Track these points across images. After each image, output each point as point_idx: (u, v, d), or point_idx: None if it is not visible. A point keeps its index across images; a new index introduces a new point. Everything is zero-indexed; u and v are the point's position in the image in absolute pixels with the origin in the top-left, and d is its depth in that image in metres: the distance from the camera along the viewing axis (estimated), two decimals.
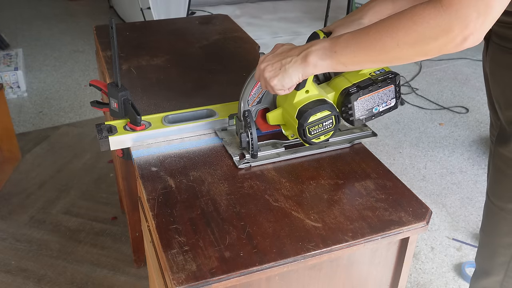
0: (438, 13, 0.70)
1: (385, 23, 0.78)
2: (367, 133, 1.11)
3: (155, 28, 1.85)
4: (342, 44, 0.83)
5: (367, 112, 1.04)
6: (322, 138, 1.01)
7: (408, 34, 0.75)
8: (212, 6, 4.65)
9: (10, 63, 3.31)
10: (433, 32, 0.72)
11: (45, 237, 2.03)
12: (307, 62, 0.87)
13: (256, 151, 1.01)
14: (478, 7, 0.67)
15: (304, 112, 0.96)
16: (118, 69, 1.08)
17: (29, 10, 4.87)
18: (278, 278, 0.83)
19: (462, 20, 0.68)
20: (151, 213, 0.88)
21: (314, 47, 0.87)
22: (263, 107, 1.08)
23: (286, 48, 0.93)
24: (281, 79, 0.90)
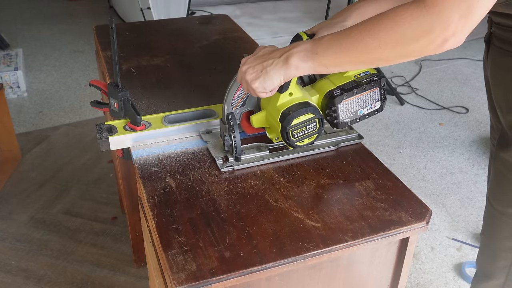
0: (420, 13, 0.69)
1: (367, 24, 0.77)
2: (353, 136, 1.11)
3: (155, 28, 1.85)
4: (324, 45, 0.82)
5: (351, 115, 1.03)
6: (306, 141, 1.00)
7: (389, 35, 0.74)
8: (212, 6, 4.65)
9: (10, 63, 3.31)
10: (414, 33, 0.71)
11: (45, 237, 2.03)
12: (289, 64, 0.86)
13: (239, 154, 1.00)
14: (460, 9, 0.66)
15: (287, 115, 0.95)
16: (118, 69, 1.08)
17: (29, 10, 4.87)
18: (278, 278, 0.83)
19: (443, 21, 0.68)
20: (151, 213, 0.88)
21: (295, 48, 0.86)
22: (248, 110, 1.07)
23: (267, 50, 0.92)
24: (263, 82, 0.90)
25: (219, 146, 1.06)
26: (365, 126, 2.95)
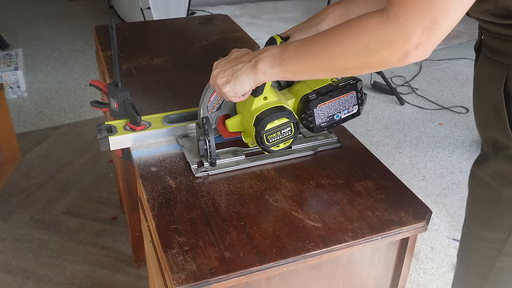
0: (383, 24, 0.68)
1: (333, 32, 0.76)
2: (331, 140, 1.09)
3: (155, 28, 1.85)
4: (291, 52, 0.81)
5: (328, 119, 1.02)
6: (281, 146, 0.98)
7: (352, 45, 0.73)
8: (212, 6, 4.65)
9: (10, 63, 3.31)
10: (376, 44, 0.69)
11: (45, 237, 2.03)
12: (257, 69, 0.85)
13: (214, 159, 0.98)
14: (424, 22, 0.64)
15: (261, 119, 0.94)
16: (118, 69, 1.08)
17: (29, 10, 4.86)
18: (278, 278, 0.83)
19: (405, 34, 0.66)
20: (151, 213, 0.88)
21: (264, 53, 0.85)
22: (224, 114, 1.05)
23: (239, 54, 0.91)
24: (233, 86, 0.88)
25: (195, 150, 1.04)
26: (365, 126, 2.95)
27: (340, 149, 1.08)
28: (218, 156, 1.02)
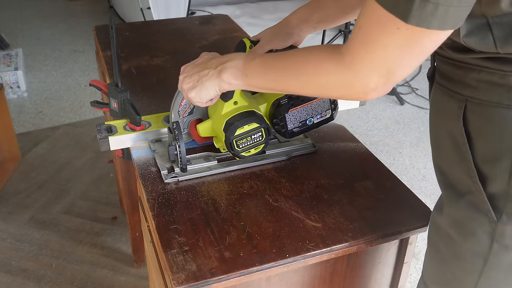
0: (340, 68, 0.67)
1: (292, 62, 0.75)
2: (306, 145, 1.07)
3: (155, 28, 1.85)
4: (253, 69, 0.80)
5: (300, 124, 1.01)
6: (252, 152, 0.97)
7: (310, 81, 0.72)
8: (212, 6, 4.65)
9: (10, 63, 3.31)
10: (334, 85, 0.69)
11: (45, 237, 2.03)
12: (221, 78, 0.84)
13: (184, 165, 0.97)
14: (380, 71, 0.63)
15: (230, 124, 0.93)
16: (118, 69, 1.08)
17: (29, 10, 4.86)
18: (278, 278, 0.83)
19: (362, 79, 0.64)
20: (151, 213, 0.88)
21: (230, 63, 0.83)
22: (196, 118, 1.03)
23: (206, 59, 0.89)
24: (199, 92, 0.87)
25: (167, 155, 1.02)
26: (365, 126, 2.95)
27: (340, 149, 1.08)
28: (190, 161, 1.00)
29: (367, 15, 0.60)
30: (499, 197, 0.67)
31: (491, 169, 0.67)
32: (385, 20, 0.57)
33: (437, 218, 0.78)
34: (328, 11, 1.01)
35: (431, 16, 0.55)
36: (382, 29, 0.59)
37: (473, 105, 0.67)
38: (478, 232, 0.69)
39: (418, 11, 0.55)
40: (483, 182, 0.68)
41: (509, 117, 0.63)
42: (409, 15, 0.55)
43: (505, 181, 0.65)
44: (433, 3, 0.54)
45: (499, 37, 0.61)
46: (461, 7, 0.56)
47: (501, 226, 0.67)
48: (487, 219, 0.68)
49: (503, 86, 0.63)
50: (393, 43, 0.59)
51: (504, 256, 0.69)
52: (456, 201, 0.72)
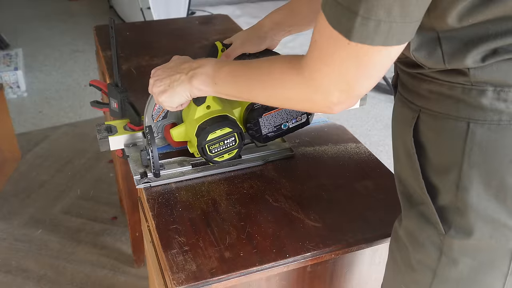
0: (301, 83, 0.66)
1: (258, 73, 0.74)
2: (283, 150, 1.06)
3: (155, 28, 1.85)
4: (222, 77, 0.80)
5: (275, 128, 1.00)
6: (226, 157, 0.96)
7: (274, 95, 0.72)
8: (212, 6, 4.65)
9: (10, 63, 3.31)
10: (298, 100, 0.69)
11: (45, 237, 2.03)
12: (192, 84, 0.83)
13: (157, 170, 0.95)
14: (339, 86, 0.62)
15: (202, 129, 0.91)
16: (118, 69, 1.08)
17: (29, 10, 4.86)
18: (278, 278, 0.83)
19: (323, 94, 0.64)
20: (151, 213, 0.88)
21: (200, 69, 0.82)
22: (170, 122, 1.02)
23: (178, 63, 0.88)
24: (170, 97, 0.86)
25: (140, 160, 1.01)
26: (365, 126, 2.95)
27: (339, 149, 1.08)
28: (163, 166, 0.99)
29: (320, 30, 0.60)
30: (448, 209, 0.66)
31: (441, 181, 0.66)
32: (336, 36, 0.57)
33: (397, 227, 0.76)
34: (302, 15, 1.00)
35: (374, 33, 0.54)
36: (334, 45, 0.58)
37: (426, 116, 0.66)
38: (427, 244, 0.68)
39: (360, 28, 0.54)
40: (434, 193, 0.67)
41: (457, 129, 0.63)
42: (351, 32, 0.55)
43: (453, 194, 0.64)
44: (374, 20, 0.53)
45: (447, 52, 0.61)
46: (405, 23, 0.55)
47: (449, 239, 0.66)
48: (436, 231, 0.67)
49: (451, 97, 0.63)
50: (347, 58, 0.58)
51: (452, 270, 0.67)
52: (409, 211, 0.72)
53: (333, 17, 0.56)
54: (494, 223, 0.63)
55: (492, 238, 0.64)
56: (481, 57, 0.58)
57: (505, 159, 0.61)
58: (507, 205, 0.62)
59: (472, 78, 0.60)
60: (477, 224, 0.64)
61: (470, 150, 0.62)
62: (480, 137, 0.61)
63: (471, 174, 0.62)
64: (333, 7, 0.55)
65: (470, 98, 0.61)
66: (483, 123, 0.61)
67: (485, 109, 0.60)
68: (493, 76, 0.59)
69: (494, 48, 0.58)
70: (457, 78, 0.61)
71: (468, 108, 0.61)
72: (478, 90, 0.60)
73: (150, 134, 0.95)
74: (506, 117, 0.59)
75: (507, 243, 0.64)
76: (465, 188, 0.63)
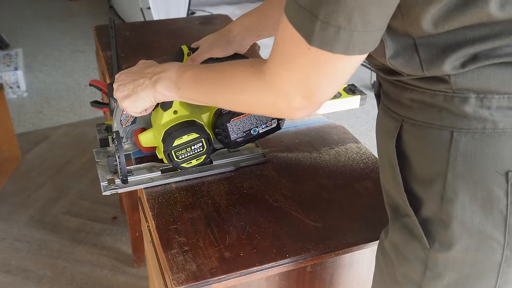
0: (262, 88, 0.64)
1: (220, 78, 0.73)
2: (256, 155, 1.04)
3: (155, 28, 1.85)
4: (185, 82, 0.78)
5: (244, 134, 0.98)
6: (194, 163, 0.94)
7: (236, 100, 0.71)
8: (212, 6, 4.65)
9: (10, 63, 3.31)
10: (260, 105, 0.67)
11: (45, 237, 2.03)
12: (155, 89, 0.81)
13: (125, 176, 0.93)
14: (301, 91, 0.60)
15: (168, 135, 0.90)
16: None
17: (29, 10, 4.86)
18: (278, 278, 0.83)
19: (286, 99, 0.62)
20: (151, 213, 0.88)
21: (164, 74, 0.81)
22: (140, 127, 1.00)
23: (143, 67, 0.86)
24: (133, 102, 0.84)
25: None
26: (365, 126, 2.95)
27: (339, 149, 1.08)
28: (132, 172, 0.97)
29: (282, 32, 0.58)
30: (432, 222, 0.64)
31: (425, 192, 0.64)
32: (297, 40, 0.55)
33: (383, 238, 0.74)
34: (271, 20, 0.98)
35: (334, 40, 0.52)
36: (295, 49, 0.56)
37: (409, 125, 0.65)
38: (412, 258, 0.67)
39: (320, 33, 0.52)
40: (418, 205, 0.65)
41: (440, 138, 0.61)
42: (312, 37, 0.53)
43: (438, 205, 0.62)
44: (334, 26, 0.51)
45: (425, 59, 0.59)
46: (367, 32, 0.53)
47: (434, 254, 0.64)
48: (420, 245, 0.65)
49: (434, 106, 0.61)
50: (308, 64, 0.57)
51: (438, 285, 0.66)
52: (395, 223, 0.70)
53: (296, 19, 0.55)
54: (480, 235, 0.61)
55: (478, 251, 0.62)
56: (460, 63, 0.57)
57: (491, 168, 0.59)
58: (493, 216, 0.60)
59: (453, 85, 0.58)
60: (462, 237, 0.62)
61: (454, 160, 0.60)
62: (464, 146, 0.59)
63: (455, 185, 0.61)
64: (296, 9, 0.54)
65: (452, 106, 0.59)
66: (467, 132, 0.59)
67: (469, 117, 0.58)
68: (475, 82, 0.57)
69: (474, 53, 0.56)
70: (438, 86, 0.60)
71: (451, 117, 0.60)
72: (461, 98, 0.59)
73: (117, 140, 0.93)
74: (490, 125, 0.58)
75: (494, 256, 0.62)
76: (449, 199, 0.61)
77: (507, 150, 0.58)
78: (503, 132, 0.58)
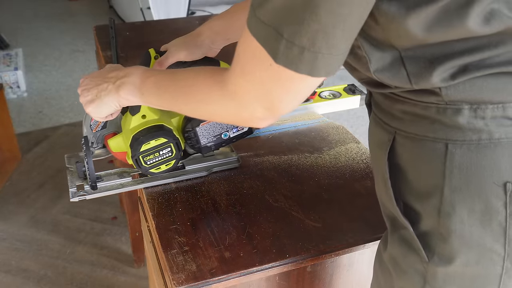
0: (224, 98, 0.63)
1: (182, 86, 0.71)
2: (230, 160, 1.02)
3: (155, 28, 1.85)
4: (148, 88, 0.76)
5: (215, 138, 0.95)
6: (163, 168, 0.92)
7: (199, 108, 0.70)
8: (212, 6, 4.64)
9: (10, 63, 3.31)
10: (222, 114, 0.66)
11: (45, 237, 2.03)
12: (119, 94, 0.79)
13: (94, 182, 0.92)
14: (262, 104, 0.59)
15: (136, 140, 0.88)
16: None
17: (29, 10, 4.86)
18: (278, 278, 0.83)
19: (248, 109, 0.61)
20: (151, 213, 0.88)
21: (127, 78, 0.79)
22: (110, 132, 0.98)
23: (106, 71, 0.84)
24: (97, 107, 0.82)
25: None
26: (365, 126, 2.95)
27: (339, 149, 1.08)
28: (102, 178, 0.96)
29: (244, 44, 0.57)
30: (431, 236, 0.62)
31: (421, 206, 0.62)
32: (259, 54, 0.54)
33: (382, 250, 0.72)
34: (240, 23, 0.93)
35: (298, 60, 0.51)
36: (257, 63, 0.55)
37: (402, 137, 0.63)
38: (411, 272, 0.65)
39: (285, 52, 0.51)
40: (415, 219, 0.63)
41: (435, 150, 0.59)
42: (277, 54, 0.52)
43: (435, 219, 0.61)
44: (298, 47, 0.50)
45: (412, 72, 0.57)
46: (332, 55, 0.52)
47: (433, 267, 0.62)
48: (419, 258, 0.63)
49: (426, 118, 0.59)
50: (269, 79, 0.56)
51: None
52: (393, 235, 0.68)
53: (260, 34, 0.53)
54: (480, 248, 0.60)
55: (479, 264, 0.61)
56: (449, 74, 0.55)
57: (488, 180, 0.57)
58: (492, 228, 0.59)
59: (445, 97, 0.57)
60: (462, 251, 0.60)
61: (450, 173, 0.58)
62: (460, 158, 0.57)
63: (453, 199, 0.59)
64: (259, 24, 0.53)
65: (445, 118, 0.58)
66: (462, 144, 0.57)
67: (463, 128, 0.57)
68: (467, 94, 0.56)
69: (464, 65, 0.55)
70: (429, 98, 0.58)
71: (445, 129, 0.58)
72: (454, 109, 0.57)
73: (85, 145, 0.91)
74: (485, 136, 0.56)
75: (494, 268, 0.61)
76: (447, 214, 0.60)
77: (504, 161, 0.57)
78: (499, 142, 0.56)
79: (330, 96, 1.25)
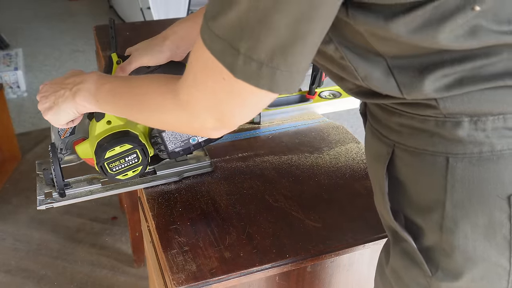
0: (176, 108, 0.62)
1: (136, 94, 0.69)
2: (203, 164, 1.00)
3: (155, 28, 1.85)
4: (103, 96, 0.74)
5: (183, 143, 0.93)
6: (130, 174, 0.91)
7: (152, 117, 0.68)
8: None
9: (10, 63, 3.31)
10: (175, 123, 0.65)
11: (45, 237, 2.03)
12: (75, 101, 0.78)
13: (62, 190, 0.91)
14: (214, 115, 0.57)
15: (100, 146, 0.87)
16: None
17: (29, 10, 4.86)
18: (278, 278, 0.83)
19: (200, 120, 0.59)
20: (151, 213, 0.88)
21: (83, 85, 0.77)
22: (79, 138, 0.95)
23: (65, 77, 0.82)
24: (55, 114, 0.81)
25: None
26: None
27: (339, 149, 1.08)
28: (70, 185, 0.95)
29: (197, 53, 0.54)
30: (434, 250, 0.60)
31: (423, 221, 0.61)
32: (211, 66, 0.52)
33: (383, 261, 0.70)
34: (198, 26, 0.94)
35: (257, 76, 0.49)
36: (208, 74, 0.53)
37: (401, 151, 0.61)
38: (413, 286, 0.63)
39: (243, 68, 0.49)
40: (417, 234, 0.62)
41: (435, 164, 0.57)
42: (235, 69, 0.50)
43: (438, 235, 0.59)
44: (257, 62, 0.48)
45: (403, 82, 0.55)
46: (292, 72, 0.49)
47: (436, 282, 0.60)
48: (422, 272, 0.61)
49: (425, 131, 0.57)
50: (222, 91, 0.54)
51: None
52: (394, 247, 0.66)
53: (215, 48, 0.51)
54: (485, 263, 0.58)
55: (484, 279, 0.59)
56: (443, 85, 0.53)
57: (492, 193, 0.55)
58: (497, 242, 0.57)
59: (443, 110, 0.55)
60: (466, 266, 0.59)
61: (452, 188, 0.56)
62: (461, 172, 0.56)
63: (455, 214, 0.57)
64: (212, 37, 0.50)
65: (445, 131, 0.56)
66: (463, 157, 0.55)
67: (463, 141, 0.55)
68: (465, 106, 0.54)
69: (459, 78, 0.53)
70: (426, 111, 0.56)
71: (445, 142, 0.56)
72: (453, 122, 0.55)
73: (52, 152, 0.90)
74: (487, 148, 0.54)
75: (499, 282, 0.59)
76: (449, 230, 0.58)
77: (508, 173, 0.55)
78: (501, 154, 0.54)
79: (330, 96, 1.25)
